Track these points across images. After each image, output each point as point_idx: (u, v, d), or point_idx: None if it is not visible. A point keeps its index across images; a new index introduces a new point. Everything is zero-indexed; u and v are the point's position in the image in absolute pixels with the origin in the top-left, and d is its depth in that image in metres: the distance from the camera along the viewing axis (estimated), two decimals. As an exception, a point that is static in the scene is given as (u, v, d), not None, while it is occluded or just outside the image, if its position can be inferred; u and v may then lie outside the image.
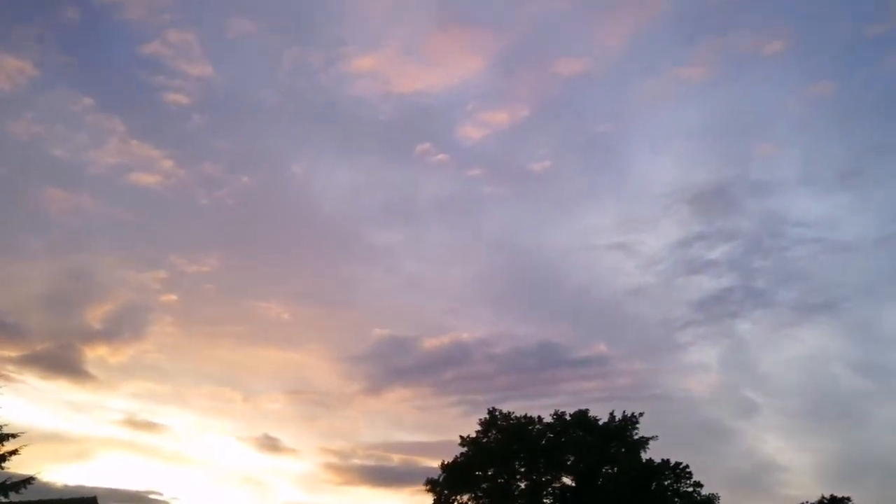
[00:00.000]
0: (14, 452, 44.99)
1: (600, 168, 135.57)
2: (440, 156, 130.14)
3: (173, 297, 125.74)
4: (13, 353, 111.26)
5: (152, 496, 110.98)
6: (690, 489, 47.55)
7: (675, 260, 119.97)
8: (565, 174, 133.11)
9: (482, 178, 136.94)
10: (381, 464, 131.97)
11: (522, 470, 49.14)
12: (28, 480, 44.64)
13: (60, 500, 35.63)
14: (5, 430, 45.20)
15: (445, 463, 49.50)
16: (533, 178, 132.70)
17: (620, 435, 49.09)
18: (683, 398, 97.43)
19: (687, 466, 48.17)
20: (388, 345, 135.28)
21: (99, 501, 40.88)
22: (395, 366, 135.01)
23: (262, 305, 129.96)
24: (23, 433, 46.07)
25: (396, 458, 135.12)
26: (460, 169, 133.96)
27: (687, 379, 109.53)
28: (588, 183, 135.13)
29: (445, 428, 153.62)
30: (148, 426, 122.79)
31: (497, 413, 50.59)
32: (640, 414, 49.60)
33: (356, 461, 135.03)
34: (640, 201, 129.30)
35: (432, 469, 50.25)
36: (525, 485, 48.80)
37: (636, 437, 49.14)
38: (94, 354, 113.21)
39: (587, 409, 50.31)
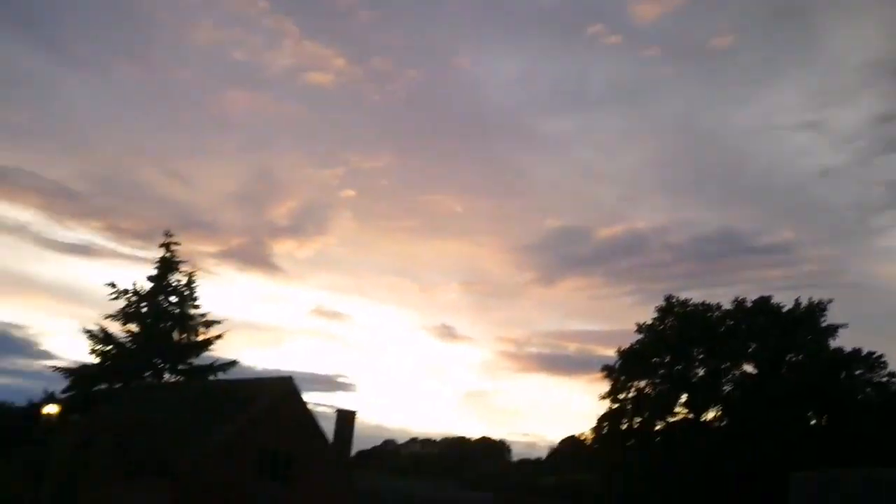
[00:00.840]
0: (218, 337, 49.44)
1: (788, 40, 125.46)
2: (612, 37, 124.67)
3: (351, 192, 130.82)
4: (211, 249, 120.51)
5: (340, 379, 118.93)
6: (885, 379, 45.08)
7: (875, 137, 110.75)
8: (748, 49, 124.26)
9: (658, 59, 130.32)
10: (557, 352, 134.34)
11: (700, 357, 48.34)
12: (232, 363, 49.03)
13: (260, 378, 38.62)
14: (209, 318, 49.56)
15: (622, 349, 49.55)
16: (713, 56, 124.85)
17: (806, 322, 46.93)
18: (878, 286, 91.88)
19: (881, 356, 45.52)
20: (561, 235, 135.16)
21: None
22: (569, 255, 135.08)
23: (435, 199, 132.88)
24: (224, 321, 50.36)
25: (572, 347, 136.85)
26: (634, 50, 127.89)
27: (883, 266, 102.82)
28: (774, 57, 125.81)
29: (620, 317, 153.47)
30: (333, 315, 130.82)
31: (674, 300, 49.73)
32: (829, 301, 47.05)
33: (532, 349, 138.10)
34: (834, 74, 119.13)
35: (607, 357, 50.71)
36: (703, 371, 48.10)
37: (824, 324, 46.81)
38: (283, 249, 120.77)
39: (770, 296, 48.48)
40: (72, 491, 17.39)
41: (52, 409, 17.78)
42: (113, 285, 48.06)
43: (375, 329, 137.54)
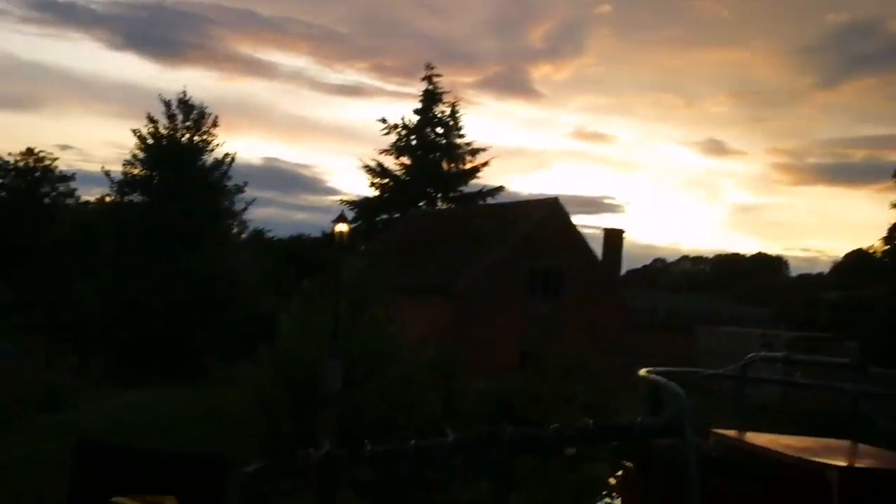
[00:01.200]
0: (485, 165, 51.04)
1: None
2: None
3: (607, 7, 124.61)
4: (470, 80, 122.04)
5: (606, 201, 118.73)
6: None
7: None
8: None
9: None
10: (841, 161, 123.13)
11: None
12: (499, 189, 50.64)
13: (527, 202, 39.63)
14: (474, 147, 51.10)
15: (919, 152, 44.57)
16: None
17: None
18: None
19: None
20: (846, 30, 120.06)
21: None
22: (856, 53, 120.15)
23: (699, 3, 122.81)
24: (488, 149, 51.69)
25: (858, 154, 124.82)
26: None
27: None
28: None
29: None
30: (596, 137, 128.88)
31: None
32: None
33: (811, 160, 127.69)
34: None
35: (903, 161, 45.81)
36: None
37: None
38: (540, 73, 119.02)
39: None
40: (363, 307, 19.39)
41: (342, 227, 19.53)
42: (384, 121, 50.87)
43: (640, 148, 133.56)
